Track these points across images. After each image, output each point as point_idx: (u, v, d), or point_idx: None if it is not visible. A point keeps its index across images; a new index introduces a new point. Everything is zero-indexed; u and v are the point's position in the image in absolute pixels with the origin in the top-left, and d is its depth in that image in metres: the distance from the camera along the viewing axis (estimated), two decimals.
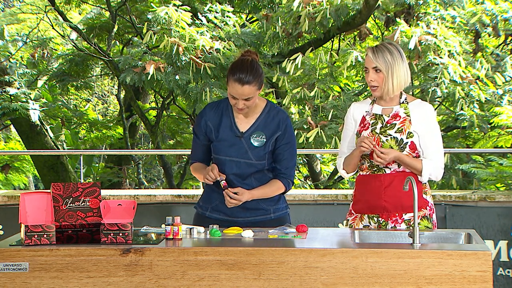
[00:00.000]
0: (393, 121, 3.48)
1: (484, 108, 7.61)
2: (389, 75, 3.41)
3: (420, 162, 3.45)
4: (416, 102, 3.53)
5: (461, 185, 7.57)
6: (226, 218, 3.53)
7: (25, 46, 10.83)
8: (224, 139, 3.50)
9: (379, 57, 3.41)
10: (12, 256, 2.99)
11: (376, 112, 3.54)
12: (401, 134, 3.45)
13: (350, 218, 3.64)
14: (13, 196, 5.77)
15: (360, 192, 3.59)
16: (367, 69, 3.47)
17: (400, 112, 3.49)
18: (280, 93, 8.88)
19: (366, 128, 3.52)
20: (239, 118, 3.52)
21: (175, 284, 2.94)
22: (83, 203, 3.18)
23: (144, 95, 12.08)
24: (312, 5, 7.79)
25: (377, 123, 3.50)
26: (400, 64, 3.43)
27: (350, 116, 3.63)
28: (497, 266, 5.24)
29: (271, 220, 3.56)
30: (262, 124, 3.50)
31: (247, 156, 3.49)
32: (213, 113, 3.54)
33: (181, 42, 7.61)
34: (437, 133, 3.51)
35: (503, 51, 8.26)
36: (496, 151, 7.28)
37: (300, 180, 11.92)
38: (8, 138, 14.86)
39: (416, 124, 3.46)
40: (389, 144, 3.45)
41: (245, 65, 3.37)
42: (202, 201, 3.66)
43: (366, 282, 2.87)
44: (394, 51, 3.43)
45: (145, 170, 13.11)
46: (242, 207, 3.50)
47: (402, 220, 3.50)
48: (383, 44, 3.47)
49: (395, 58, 3.42)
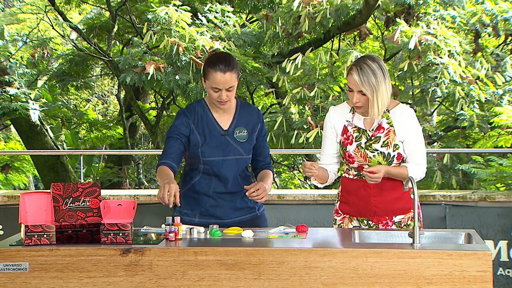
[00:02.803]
0: (378, 134, 3.44)
1: (484, 108, 7.61)
2: (374, 99, 3.34)
3: (406, 169, 3.44)
4: (397, 109, 3.47)
5: (461, 185, 7.57)
6: (216, 222, 3.49)
7: (25, 46, 10.83)
8: (212, 141, 3.49)
9: (364, 82, 3.32)
10: (12, 256, 2.99)
11: (358, 124, 3.48)
12: (388, 148, 3.42)
13: (338, 218, 3.62)
14: (13, 196, 5.77)
15: (347, 194, 3.56)
16: (351, 89, 3.39)
17: (383, 123, 3.44)
18: (280, 93, 8.87)
19: (351, 142, 3.47)
20: (218, 117, 3.52)
21: (175, 284, 2.94)
22: (83, 203, 3.18)
23: (144, 95, 12.08)
24: (312, 5, 7.79)
25: (361, 137, 3.46)
26: (383, 85, 3.34)
27: (330, 124, 3.55)
28: (497, 266, 5.24)
29: (258, 217, 3.60)
30: (241, 119, 3.54)
31: (239, 152, 3.50)
32: (193, 117, 3.51)
33: (181, 42, 7.61)
34: (420, 137, 3.49)
35: (503, 51, 8.26)
36: (496, 151, 7.28)
37: (300, 180, 11.91)
38: (8, 138, 14.85)
39: (400, 133, 3.43)
40: (377, 159, 3.43)
41: (221, 57, 3.43)
42: (186, 208, 3.56)
43: (366, 282, 2.87)
44: (377, 71, 3.33)
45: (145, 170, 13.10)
46: (232, 207, 3.52)
47: (393, 222, 3.51)
48: (366, 63, 3.34)
49: (378, 80, 3.32)
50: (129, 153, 11.01)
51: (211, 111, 3.53)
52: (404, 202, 3.51)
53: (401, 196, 3.49)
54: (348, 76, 3.37)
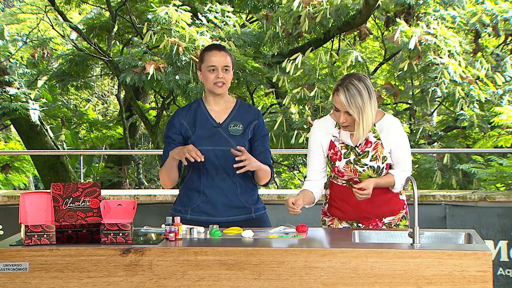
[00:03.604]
0: (366, 149, 3.43)
1: (484, 108, 7.61)
2: (360, 120, 3.32)
3: (393, 177, 3.45)
4: (383, 122, 3.45)
5: (461, 185, 7.56)
6: (208, 219, 3.50)
7: (25, 46, 10.83)
8: (202, 131, 3.52)
9: (351, 104, 3.29)
10: (12, 256, 2.99)
11: (345, 140, 3.45)
12: (377, 161, 3.42)
13: (327, 219, 3.63)
14: (13, 196, 5.77)
15: (337, 199, 3.56)
16: (337, 109, 3.36)
17: (370, 137, 3.43)
18: (280, 93, 8.88)
19: (339, 158, 3.45)
20: (214, 111, 3.56)
21: (175, 284, 2.94)
22: (83, 203, 3.18)
23: (144, 95, 12.08)
24: (312, 5, 7.79)
25: (350, 154, 3.45)
26: (368, 106, 3.32)
27: (317, 140, 3.52)
28: (497, 266, 5.24)
29: (252, 219, 3.57)
30: (238, 115, 3.57)
31: (229, 144, 3.49)
32: (185, 113, 3.59)
33: (181, 42, 7.61)
34: (406, 146, 3.49)
35: (503, 51, 8.26)
36: (496, 151, 7.28)
37: (300, 180, 11.91)
38: (8, 138, 14.85)
39: (388, 145, 3.43)
40: (367, 173, 3.44)
41: (214, 44, 3.64)
42: (179, 205, 3.60)
43: (366, 282, 2.87)
44: (363, 91, 3.30)
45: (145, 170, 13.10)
46: (225, 204, 3.51)
47: (382, 223, 3.53)
48: (352, 83, 3.32)
49: (364, 101, 3.30)
50: (129, 153, 11.01)
51: (206, 106, 3.58)
52: (394, 204, 3.54)
53: (390, 198, 3.52)
54: (335, 96, 3.35)
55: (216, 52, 3.51)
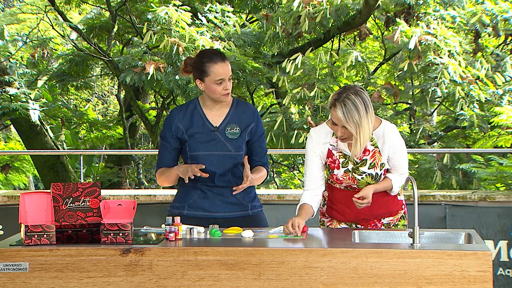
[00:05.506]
0: (364, 157, 3.43)
1: (484, 108, 7.61)
2: (358, 135, 3.30)
3: (390, 181, 3.45)
4: (380, 130, 3.44)
5: (461, 185, 7.56)
6: (205, 214, 3.51)
7: (25, 46, 10.83)
8: (199, 136, 3.50)
9: (349, 120, 3.27)
10: (12, 256, 2.99)
11: (343, 149, 3.44)
12: (375, 168, 3.42)
13: (326, 220, 3.63)
14: (13, 196, 5.77)
15: (336, 202, 3.56)
16: (335, 123, 3.35)
17: (368, 146, 3.42)
18: (280, 93, 8.88)
19: (338, 167, 3.45)
20: (211, 114, 3.53)
21: (175, 284, 2.94)
22: (83, 203, 3.18)
23: (144, 95, 12.08)
24: (312, 5, 7.79)
25: (348, 162, 3.44)
26: (365, 120, 3.29)
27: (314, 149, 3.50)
28: (497, 266, 5.24)
29: (249, 217, 3.57)
30: (234, 117, 3.54)
31: (226, 148, 3.49)
32: (181, 115, 3.54)
33: (181, 42, 7.61)
34: (403, 151, 3.48)
35: (503, 51, 8.26)
36: (496, 151, 7.28)
37: (300, 180, 11.91)
38: (8, 138, 14.85)
39: (385, 152, 3.43)
40: (366, 180, 3.44)
41: (212, 51, 3.53)
42: (177, 201, 3.62)
43: (366, 282, 2.87)
44: (359, 106, 3.27)
45: (145, 170, 13.09)
46: (222, 200, 3.52)
47: (381, 224, 3.53)
48: (349, 98, 3.28)
49: (361, 115, 3.27)
50: (129, 153, 11.01)
51: (203, 109, 3.54)
52: (393, 205, 3.54)
53: (389, 200, 3.52)
54: (332, 110, 3.33)
55: (222, 63, 3.41)
